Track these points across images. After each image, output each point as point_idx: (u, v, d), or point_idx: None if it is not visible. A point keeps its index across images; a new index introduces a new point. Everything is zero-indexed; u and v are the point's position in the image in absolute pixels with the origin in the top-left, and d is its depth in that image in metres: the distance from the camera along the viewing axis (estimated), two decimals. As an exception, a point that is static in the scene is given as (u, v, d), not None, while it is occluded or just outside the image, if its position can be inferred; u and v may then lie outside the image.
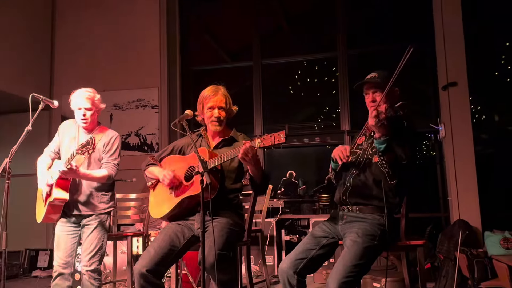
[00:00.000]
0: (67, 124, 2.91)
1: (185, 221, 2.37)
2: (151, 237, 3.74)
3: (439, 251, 4.17)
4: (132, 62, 5.63)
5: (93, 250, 2.69)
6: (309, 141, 5.56)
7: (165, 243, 2.22)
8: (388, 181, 2.08)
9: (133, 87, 5.59)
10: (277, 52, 5.95)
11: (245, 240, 2.60)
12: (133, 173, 4.31)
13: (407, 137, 2.11)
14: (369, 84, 2.27)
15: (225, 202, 2.37)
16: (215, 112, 2.42)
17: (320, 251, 2.16)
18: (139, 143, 5.51)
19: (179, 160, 2.46)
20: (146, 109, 5.53)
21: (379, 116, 1.96)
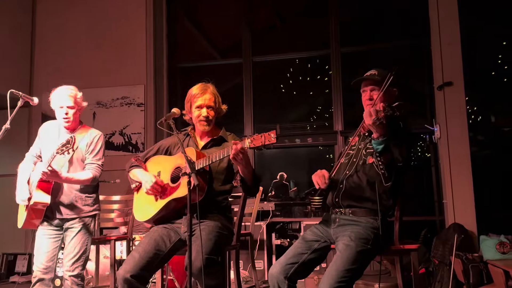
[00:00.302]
0: (47, 126, 2.90)
1: (171, 224, 2.37)
2: (135, 241, 3.73)
3: (434, 256, 4.22)
4: (117, 58, 5.59)
5: (77, 254, 2.67)
6: (301, 141, 5.58)
7: (150, 247, 2.22)
8: (383, 183, 2.10)
9: (117, 84, 5.55)
10: (269, 49, 5.96)
11: (234, 244, 2.61)
12: (117, 174, 4.29)
13: (404, 139, 2.13)
14: (367, 81, 2.29)
15: (213, 205, 2.37)
16: (203, 111, 2.42)
17: (312, 255, 2.17)
18: (124, 142, 5.48)
19: (165, 161, 2.46)
20: (131, 107, 5.50)
21: (378, 115, 1.97)
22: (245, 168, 2.21)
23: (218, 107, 2.49)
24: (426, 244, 4.50)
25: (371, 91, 2.27)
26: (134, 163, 2.54)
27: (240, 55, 5.79)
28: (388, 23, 5.67)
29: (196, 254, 2.05)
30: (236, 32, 5.95)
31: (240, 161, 2.13)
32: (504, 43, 5.39)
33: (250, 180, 2.27)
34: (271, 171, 6.28)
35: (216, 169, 2.41)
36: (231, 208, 2.57)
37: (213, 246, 2.16)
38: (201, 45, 6.41)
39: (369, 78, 2.28)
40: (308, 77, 6.15)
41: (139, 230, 4.20)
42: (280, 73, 6.29)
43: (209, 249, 2.13)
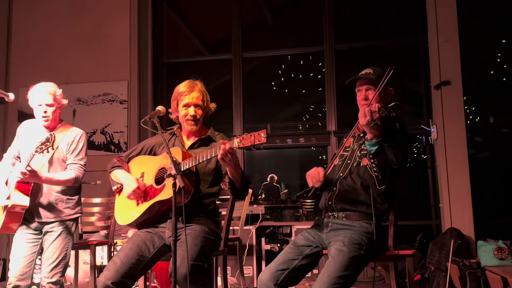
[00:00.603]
0: (26, 125, 2.88)
1: (155, 229, 2.35)
2: (117, 246, 3.70)
3: (430, 262, 4.26)
4: (98, 52, 5.54)
5: (56, 259, 2.65)
6: (292, 142, 5.60)
7: (132, 252, 2.20)
8: (377, 186, 2.11)
9: (99, 80, 5.51)
10: (259, 45, 5.96)
11: (222, 249, 2.60)
12: (98, 175, 4.25)
13: (399, 140, 2.15)
14: (362, 80, 2.30)
15: (200, 208, 2.36)
16: (190, 110, 2.41)
17: (303, 261, 2.18)
18: (105, 141, 5.44)
19: (149, 161, 2.44)
20: (113, 105, 5.46)
21: (372, 115, 1.98)
22: (234, 170, 2.20)
23: (206, 106, 2.48)
24: (422, 250, 4.54)
25: (366, 91, 2.28)
26: (116, 163, 2.52)
27: (229, 50, 5.79)
28: (384, 19, 5.71)
29: (181, 260, 2.04)
30: (226, 27, 5.95)
31: (228, 162, 2.12)
32: (504, 41, 5.46)
33: (239, 182, 2.27)
34: (261, 173, 6.28)
35: (203, 170, 2.40)
36: (218, 211, 2.56)
37: (199, 252, 2.15)
38: (188, 40, 6.39)
39: (364, 77, 2.29)
40: (301, 75, 6.17)
41: (121, 235, 4.17)
42: (272, 70, 6.29)
43: (195, 255, 2.12)
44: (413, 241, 4.73)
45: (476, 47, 5.38)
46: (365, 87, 2.29)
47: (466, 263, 4.01)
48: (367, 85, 2.28)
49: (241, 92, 5.65)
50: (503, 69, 5.50)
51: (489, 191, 5.53)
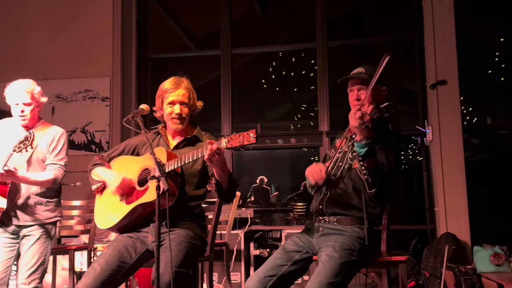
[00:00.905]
0: (3, 123, 2.86)
1: (137, 233, 2.34)
2: (97, 252, 3.68)
3: (424, 268, 4.30)
4: (79, 46, 5.50)
5: (34, 265, 2.63)
6: (283, 142, 5.61)
7: (113, 258, 2.19)
8: (367, 189, 2.13)
9: (79, 76, 5.47)
10: (249, 41, 5.96)
11: (208, 255, 2.60)
12: (78, 176, 4.21)
13: (392, 142, 2.17)
14: (354, 80, 2.32)
15: (185, 211, 2.36)
16: (176, 108, 2.40)
17: (292, 267, 2.19)
18: (86, 141, 5.41)
19: (132, 162, 2.43)
20: (94, 102, 5.43)
21: (363, 117, 2.00)
22: (221, 171, 2.20)
23: (193, 104, 2.47)
24: (416, 255, 4.58)
25: (358, 91, 2.30)
26: (98, 161, 2.51)
27: (218, 46, 5.78)
28: (379, 16, 5.75)
29: (165, 266, 2.03)
30: (214, 21, 5.94)
31: (215, 163, 2.12)
32: (502, 40, 5.53)
33: (226, 184, 2.27)
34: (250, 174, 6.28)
35: (189, 171, 2.40)
36: (204, 215, 2.56)
37: (183, 258, 2.14)
38: (175, 35, 6.37)
39: (356, 77, 2.30)
40: (292, 72, 6.18)
41: (101, 239, 4.14)
42: (262, 67, 6.30)
43: (179, 261, 2.11)
44: (407, 246, 4.77)
45: (474, 46, 5.44)
46: (357, 87, 2.30)
47: (461, 269, 4.06)
48: (359, 84, 2.30)
49: (230, 89, 5.64)
50: (501, 68, 5.56)
51: (486, 194, 5.59)
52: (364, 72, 2.30)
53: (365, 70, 2.31)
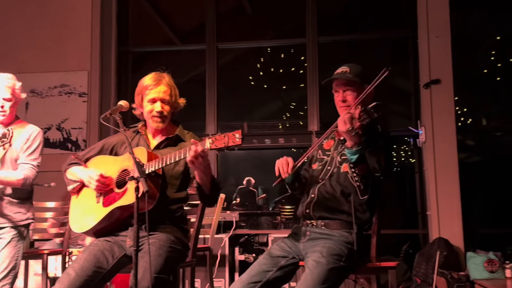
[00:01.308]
0: None
1: (115, 237, 2.33)
2: (72, 256, 3.66)
3: (416, 274, 4.35)
4: (55, 38, 5.46)
5: (5, 270, 2.61)
6: (271, 142, 5.62)
7: (89, 263, 2.17)
8: (359, 196, 2.15)
9: (55, 70, 5.43)
10: (236, 35, 5.97)
11: (190, 260, 2.60)
12: (52, 176, 4.16)
13: (382, 145, 2.19)
14: (339, 81, 2.32)
15: (165, 215, 2.35)
16: (157, 106, 2.39)
17: (278, 273, 2.20)
18: (62, 139, 5.37)
19: (110, 162, 2.42)
20: (71, 97, 5.40)
21: (353, 123, 2.00)
22: (203, 174, 2.19)
23: (175, 101, 2.46)
24: (408, 261, 4.63)
25: (344, 92, 2.30)
26: (73, 160, 2.49)
27: (203, 40, 5.77)
28: (372, 11, 5.79)
29: (143, 272, 2.02)
30: (200, 14, 5.93)
31: (198, 166, 2.11)
32: (498, 38, 5.61)
33: (208, 188, 2.26)
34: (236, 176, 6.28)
35: (171, 173, 2.39)
36: (186, 218, 2.56)
37: (163, 263, 2.14)
38: (158, 27, 6.34)
39: (341, 77, 2.31)
40: (281, 69, 6.20)
41: (77, 243, 4.12)
42: (249, 63, 6.31)
43: (159, 267, 2.11)
44: (399, 252, 4.82)
45: (469, 44, 5.51)
46: (342, 88, 2.31)
47: (454, 275, 4.12)
48: (344, 86, 2.30)
49: (216, 86, 5.64)
50: (497, 68, 5.63)
51: (480, 198, 5.66)
52: (349, 72, 2.30)
53: (349, 69, 2.31)
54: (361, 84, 2.27)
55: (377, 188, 2.16)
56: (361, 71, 2.31)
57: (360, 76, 2.29)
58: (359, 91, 2.26)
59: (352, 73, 2.29)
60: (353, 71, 2.30)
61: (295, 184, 2.42)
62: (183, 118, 2.66)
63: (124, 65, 5.80)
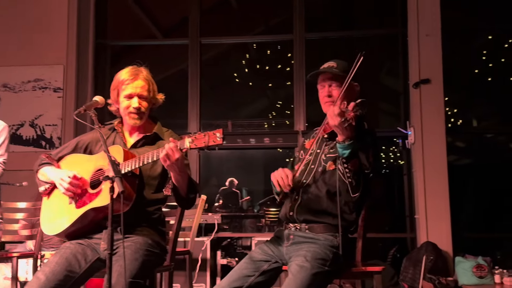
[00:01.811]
0: None
1: (88, 240, 2.30)
2: (44, 259, 3.61)
3: (403, 279, 4.38)
4: (30, 30, 5.41)
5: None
6: (256, 141, 5.62)
7: (60, 267, 2.14)
8: (351, 193, 2.15)
9: (29, 63, 5.39)
10: (221, 30, 5.96)
11: (168, 264, 2.58)
12: (24, 175, 4.12)
13: (369, 142, 2.21)
14: (325, 75, 2.33)
15: (142, 216, 2.33)
16: (134, 101, 2.36)
17: (260, 278, 2.19)
18: (35, 136, 5.33)
19: (84, 161, 2.39)
20: (46, 93, 5.36)
21: (346, 115, 2.00)
22: (179, 176, 2.16)
23: (153, 97, 2.44)
24: (395, 266, 4.66)
25: (329, 87, 2.32)
26: (45, 159, 2.45)
27: (186, 35, 5.75)
28: (361, 8, 5.83)
29: (118, 277, 2.00)
30: (183, 7, 5.90)
31: (172, 166, 2.08)
32: (490, 38, 5.68)
33: (184, 189, 2.24)
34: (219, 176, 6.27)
35: (148, 173, 2.37)
36: (165, 220, 2.54)
37: (139, 268, 2.11)
38: (138, 21, 6.30)
39: (327, 71, 2.32)
40: (267, 66, 6.21)
41: (50, 246, 4.07)
42: (234, 60, 6.30)
43: (134, 271, 2.08)
44: (386, 256, 4.86)
45: (460, 43, 5.57)
46: (328, 82, 2.32)
47: (442, 281, 4.15)
48: (330, 80, 2.32)
49: (198, 83, 5.61)
50: (489, 68, 5.71)
51: (470, 202, 5.74)
52: (336, 67, 2.32)
53: (336, 64, 2.33)
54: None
55: (367, 186, 2.16)
56: (348, 67, 2.32)
57: (347, 72, 2.30)
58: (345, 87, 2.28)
59: (339, 68, 2.31)
60: (340, 66, 2.32)
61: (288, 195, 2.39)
62: (163, 115, 2.63)
63: (102, 59, 5.76)
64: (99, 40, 5.69)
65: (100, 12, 5.76)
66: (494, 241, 5.37)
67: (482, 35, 5.71)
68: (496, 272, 4.23)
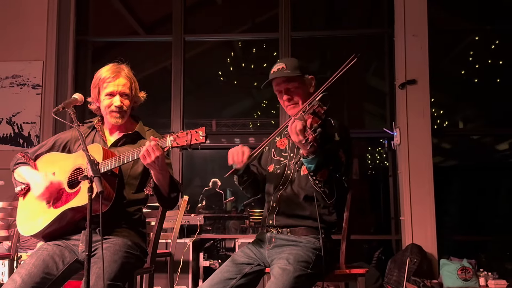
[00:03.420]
0: None
1: (66, 241, 2.29)
2: (21, 261, 3.58)
3: (388, 282, 4.42)
4: (8, 24, 5.35)
5: None
6: (241, 141, 5.63)
7: (37, 269, 2.13)
8: (327, 200, 2.17)
9: (7, 59, 5.33)
10: (205, 27, 5.95)
11: (148, 266, 2.57)
12: (1, 174, 4.10)
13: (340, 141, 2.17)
14: (278, 79, 2.31)
15: (122, 217, 2.32)
16: (115, 100, 2.35)
17: (242, 280, 2.20)
18: (12, 133, 5.28)
19: (62, 160, 2.37)
20: (24, 89, 5.31)
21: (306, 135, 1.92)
22: (160, 175, 2.16)
23: (135, 95, 2.43)
24: (380, 268, 4.71)
25: (287, 90, 2.30)
26: (21, 159, 2.43)
27: (169, 31, 5.72)
28: (347, 7, 5.87)
29: (96, 279, 2.00)
30: (166, 3, 5.88)
31: (152, 165, 2.08)
32: (477, 38, 5.75)
33: (166, 188, 2.24)
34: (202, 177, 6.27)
35: (129, 172, 2.36)
36: (145, 221, 2.53)
37: (118, 270, 2.11)
38: (121, 16, 6.26)
39: (280, 76, 2.29)
40: (253, 65, 6.21)
41: (27, 247, 4.02)
42: (219, 58, 6.30)
43: (113, 274, 2.08)
44: (371, 258, 4.90)
45: (447, 44, 5.64)
46: (283, 86, 2.30)
47: (427, 283, 4.20)
48: (284, 83, 2.30)
49: (182, 81, 5.58)
50: (475, 69, 5.78)
51: (455, 204, 5.81)
52: (286, 68, 2.29)
53: (285, 65, 2.30)
54: (303, 75, 2.30)
55: (342, 188, 2.17)
56: (298, 63, 2.31)
57: (299, 68, 2.30)
58: (302, 85, 2.30)
59: (290, 68, 2.28)
60: (289, 65, 2.29)
61: (243, 177, 2.40)
62: (146, 114, 2.63)
63: (82, 56, 5.72)
64: (79, 36, 5.64)
65: (81, 7, 5.71)
66: (479, 244, 5.45)
67: (469, 35, 5.79)
68: (481, 275, 4.29)
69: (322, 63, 6.10)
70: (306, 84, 2.32)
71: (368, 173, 6.44)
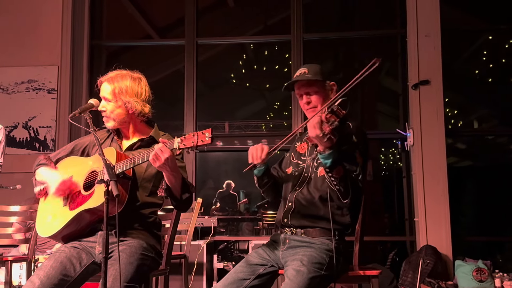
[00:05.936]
0: None
1: (83, 243, 2.32)
2: (38, 263, 3.62)
3: (403, 283, 4.40)
4: (23, 30, 5.42)
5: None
6: (254, 143, 5.63)
7: (54, 271, 2.16)
8: (342, 199, 2.18)
9: (23, 64, 5.39)
10: (218, 30, 5.98)
11: (163, 268, 2.60)
12: (18, 178, 4.14)
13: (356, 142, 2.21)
14: (300, 83, 2.36)
15: (137, 219, 2.34)
16: (100, 104, 2.39)
17: (256, 281, 2.21)
18: (29, 138, 5.32)
19: (80, 163, 2.41)
20: (39, 94, 5.36)
21: (323, 128, 1.99)
22: (171, 175, 2.18)
23: (124, 99, 2.35)
24: (394, 269, 4.68)
25: (307, 94, 2.35)
26: (43, 160, 2.47)
27: (182, 35, 5.76)
28: (360, 8, 5.85)
29: (113, 281, 2.02)
30: (179, 7, 5.92)
31: (162, 166, 2.10)
32: (490, 38, 5.71)
33: (178, 190, 2.26)
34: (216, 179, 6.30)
35: (143, 175, 2.38)
36: (160, 224, 2.55)
37: (134, 272, 2.13)
38: (134, 21, 6.32)
39: (300, 79, 2.34)
40: (265, 67, 6.23)
41: (44, 250, 4.07)
42: (231, 60, 6.32)
43: (130, 276, 2.10)
44: (385, 259, 4.88)
45: (460, 44, 5.60)
46: (304, 90, 2.35)
47: (442, 285, 4.18)
48: (305, 87, 2.35)
49: (195, 83, 5.62)
50: (489, 68, 5.73)
51: (470, 205, 5.76)
52: (308, 72, 2.33)
53: (307, 69, 2.35)
54: (324, 80, 2.34)
55: (358, 189, 2.18)
56: (320, 69, 2.36)
57: (320, 74, 2.34)
58: (322, 90, 2.33)
59: (311, 73, 2.33)
60: (311, 70, 2.34)
61: (264, 179, 2.44)
62: (160, 117, 2.65)
63: (97, 60, 5.77)
64: (94, 41, 5.70)
65: (95, 12, 5.77)
66: (494, 245, 5.40)
67: (482, 35, 5.74)
68: (497, 276, 4.25)
69: (335, 64, 6.09)
70: (326, 89, 2.34)
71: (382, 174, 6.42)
